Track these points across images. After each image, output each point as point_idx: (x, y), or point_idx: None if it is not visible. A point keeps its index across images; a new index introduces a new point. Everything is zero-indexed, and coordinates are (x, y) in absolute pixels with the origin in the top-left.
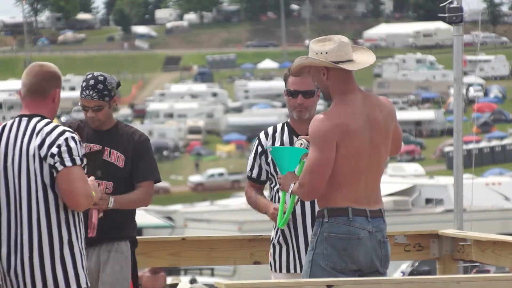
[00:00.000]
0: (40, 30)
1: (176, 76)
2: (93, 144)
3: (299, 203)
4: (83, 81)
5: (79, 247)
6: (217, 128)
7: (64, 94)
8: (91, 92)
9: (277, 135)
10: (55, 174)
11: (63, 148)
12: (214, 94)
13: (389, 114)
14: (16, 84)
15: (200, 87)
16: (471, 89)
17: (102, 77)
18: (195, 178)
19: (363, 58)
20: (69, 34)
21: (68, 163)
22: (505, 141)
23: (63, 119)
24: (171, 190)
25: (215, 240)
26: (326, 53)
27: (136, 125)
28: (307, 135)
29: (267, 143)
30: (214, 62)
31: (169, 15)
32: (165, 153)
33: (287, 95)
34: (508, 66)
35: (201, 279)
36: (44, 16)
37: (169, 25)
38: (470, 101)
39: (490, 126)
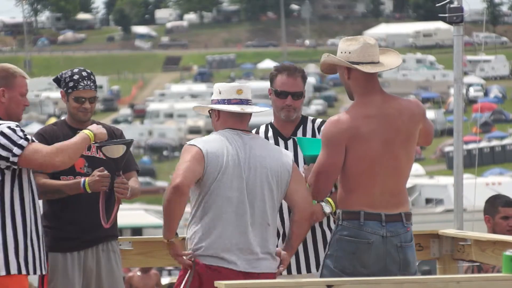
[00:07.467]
0: (40, 30)
1: (176, 76)
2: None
3: None
4: (74, 75)
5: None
6: None
7: None
8: (89, 83)
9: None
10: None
11: (3, 141)
12: None
13: (411, 117)
14: None
15: (200, 87)
16: (471, 89)
17: (89, 70)
18: None
19: (389, 61)
20: (69, 34)
21: (18, 151)
22: (505, 141)
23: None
24: None
25: None
26: (349, 52)
27: (136, 125)
28: (292, 136)
29: None
30: (214, 62)
31: (169, 15)
32: (165, 153)
33: (275, 95)
34: (508, 66)
35: None
36: (44, 16)
37: (169, 25)
38: (470, 101)
39: (490, 126)
